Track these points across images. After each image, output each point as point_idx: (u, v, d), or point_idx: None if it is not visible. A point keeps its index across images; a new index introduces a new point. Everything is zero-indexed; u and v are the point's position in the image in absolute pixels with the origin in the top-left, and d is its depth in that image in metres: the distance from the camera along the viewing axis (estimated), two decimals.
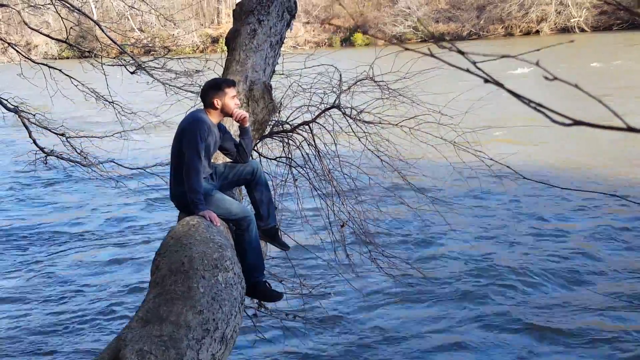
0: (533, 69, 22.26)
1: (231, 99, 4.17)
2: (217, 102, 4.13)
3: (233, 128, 4.78)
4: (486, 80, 1.22)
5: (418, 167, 6.17)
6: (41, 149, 7.53)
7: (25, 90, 8.20)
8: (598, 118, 1.24)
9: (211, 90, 4.17)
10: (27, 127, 7.44)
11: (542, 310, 7.18)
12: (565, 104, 11.03)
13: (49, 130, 7.64)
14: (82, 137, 8.02)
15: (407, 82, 5.75)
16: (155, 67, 7.37)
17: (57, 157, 7.61)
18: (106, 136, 8.05)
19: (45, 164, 7.67)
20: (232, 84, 4.27)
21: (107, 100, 8.07)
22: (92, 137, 8.06)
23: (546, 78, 1.18)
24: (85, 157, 7.73)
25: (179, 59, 7.62)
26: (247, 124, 4.38)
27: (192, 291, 3.00)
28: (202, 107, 4.25)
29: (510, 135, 14.53)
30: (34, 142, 7.45)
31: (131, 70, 7.52)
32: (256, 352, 6.76)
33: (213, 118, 4.15)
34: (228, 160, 4.52)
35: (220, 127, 4.27)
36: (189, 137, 3.94)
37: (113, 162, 8.00)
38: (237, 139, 4.44)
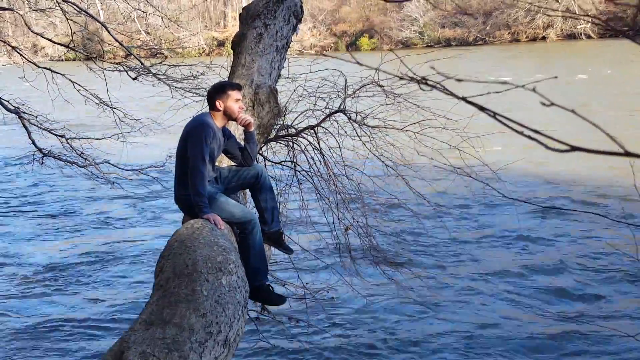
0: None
1: (235, 101, 4.16)
2: (220, 104, 4.13)
3: (238, 132, 4.78)
4: (482, 109, 1.22)
5: (422, 172, 6.16)
6: (39, 149, 7.57)
7: (29, 92, 8.23)
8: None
9: (215, 93, 4.18)
10: (26, 128, 7.48)
11: (543, 316, 7.17)
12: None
13: (49, 131, 7.68)
14: (81, 138, 8.03)
15: (412, 87, 5.74)
16: (158, 74, 7.38)
17: (54, 157, 7.64)
18: (105, 138, 8.08)
19: (42, 164, 7.71)
20: (237, 87, 4.27)
21: (107, 106, 8.09)
22: (91, 139, 8.09)
23: (543, 104, 1.18)
24: (85, 159, 7.75)
25: (180, 65, 7.62)
26: (252, 129, 4.38)
27: (196, 294, 3.00)
28: (208, 111, 4.26)
29: (515, 140, 14.48)
30: (33, 143, 7.49)
31: (133, 76, 7.54)
32: (259, 356, 6.76)
33: (217, 121, 4.15)
34: (233, 163, 4.53)
35: (225, 130, 4.27)
36: (194, 141, 3.94)
37: (108, 163, 8.03)
38: (242, 143, 4.44)
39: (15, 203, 13.36)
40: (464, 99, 1.23)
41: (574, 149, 1.13)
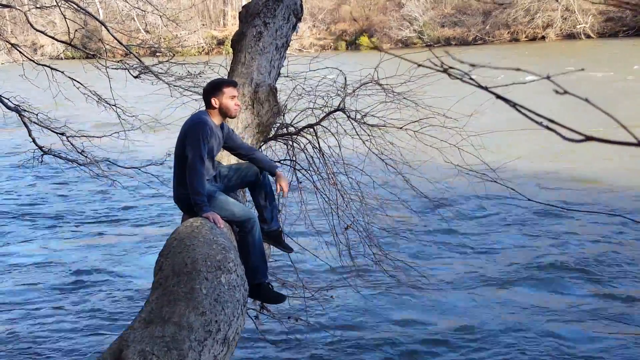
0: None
1: (230, 98, 4.14)
2: (215, 102, 4.12)
3: (237, 130, 4.78)
4: (497, 97, 1.22)
5: (422, 170, 6.16)
6: (40, 147, 7.55)
7: (30, 90, 8.22)
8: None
9: (210, 91, 4.17)
10: (27, 126, 7.46)
11: (542, 315, 7.17)
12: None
13: (49, 129, 7.66)
14: (82, 136, 8.02)
15: (412, 85, 5.74)
16: (159, 72, 7.37)
17: (54, 155, 7.62)
18: (105, 136, 8.06)
19: (41, 162, 7.70)
20: (232, 83, 4.25)
21: (108, 103, 8.07)
22: (91, 137, 8.07)
23: (557, 92, 1.18)
24: (86, 157, 7.74)
25: (183, 64, 7.60)
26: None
27: (195, 292, 2.99)
28: (205, 109, 4.25)
29: (515, 139, 14.48)
30: (34, 140, 7.48)
31: (135, 74, 7.53)
32: (258, 354, 6.76)
33: (215, 119, 4.13)
34: (233, 160, 4.52)
35: (223, 127, 4.26)
36: (192, 140, 3.94)
37: (109, 161, 8.01)
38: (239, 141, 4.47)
39: (11, 202, 13.35)
40: (485, 88, 1.23)
41: (588, 138, 1.14)
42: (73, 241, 10.71)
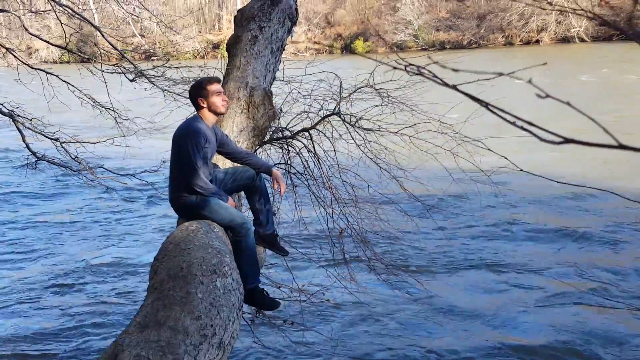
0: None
1: (216, 95, 4.13)
2: (202, 102, 4.12)
3: (233, 134, 4.79)
4: (473, 98, 1.23)
5: (416, 175, 6.17)
6: (34, 153, 7.52)
7: (24, 95, 8.20)
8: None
9: (195, 92, 4.17)
10: (21, 132, 7.44)
11: (543, 318, 7.18)
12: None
13: (43, 135, 7.63)
14: (75, 142, 7.98)
15: (407, 90, 5.76)
16: (155, 75, 7.37)
17: (48, 162, 7.59)
18: (99, 142, 8.02)
19: (35, 168, 7.67)
20: (215, 80, 4.23)
21: (103, 107, 8.05)
22: (86, 142, 8.04)
23: (539, 96, 1.18)
24: (80, 163, 7.71)
25: (178, 67, 7.60)
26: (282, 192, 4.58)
27: (191, 296, 3.00)
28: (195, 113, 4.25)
29: (510, 144, 14.46)
30: (27, 146, 7.45)
31: (130, 77, 7.52)
32: (253, 358, 6.75)
33: (207, 121, 4.12)
34: (228, 164, 4.53)
35: (217, 131, 4.25)
36: (185, 149, 3.93)
37: (102, 168, 7.99)
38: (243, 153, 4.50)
39: (5, 206, 13.33)
40: (454, 87, 1.24)
41: (567, 141, 1.13)
42: (67, 246, 10.69)
